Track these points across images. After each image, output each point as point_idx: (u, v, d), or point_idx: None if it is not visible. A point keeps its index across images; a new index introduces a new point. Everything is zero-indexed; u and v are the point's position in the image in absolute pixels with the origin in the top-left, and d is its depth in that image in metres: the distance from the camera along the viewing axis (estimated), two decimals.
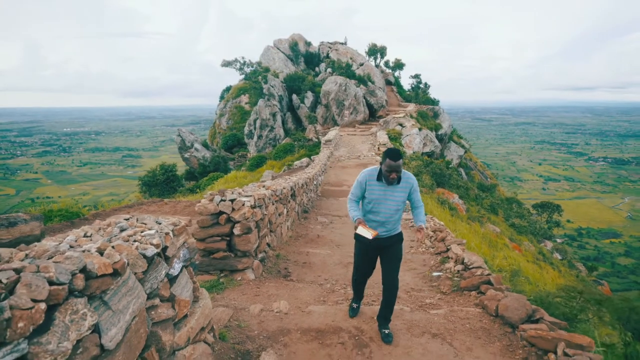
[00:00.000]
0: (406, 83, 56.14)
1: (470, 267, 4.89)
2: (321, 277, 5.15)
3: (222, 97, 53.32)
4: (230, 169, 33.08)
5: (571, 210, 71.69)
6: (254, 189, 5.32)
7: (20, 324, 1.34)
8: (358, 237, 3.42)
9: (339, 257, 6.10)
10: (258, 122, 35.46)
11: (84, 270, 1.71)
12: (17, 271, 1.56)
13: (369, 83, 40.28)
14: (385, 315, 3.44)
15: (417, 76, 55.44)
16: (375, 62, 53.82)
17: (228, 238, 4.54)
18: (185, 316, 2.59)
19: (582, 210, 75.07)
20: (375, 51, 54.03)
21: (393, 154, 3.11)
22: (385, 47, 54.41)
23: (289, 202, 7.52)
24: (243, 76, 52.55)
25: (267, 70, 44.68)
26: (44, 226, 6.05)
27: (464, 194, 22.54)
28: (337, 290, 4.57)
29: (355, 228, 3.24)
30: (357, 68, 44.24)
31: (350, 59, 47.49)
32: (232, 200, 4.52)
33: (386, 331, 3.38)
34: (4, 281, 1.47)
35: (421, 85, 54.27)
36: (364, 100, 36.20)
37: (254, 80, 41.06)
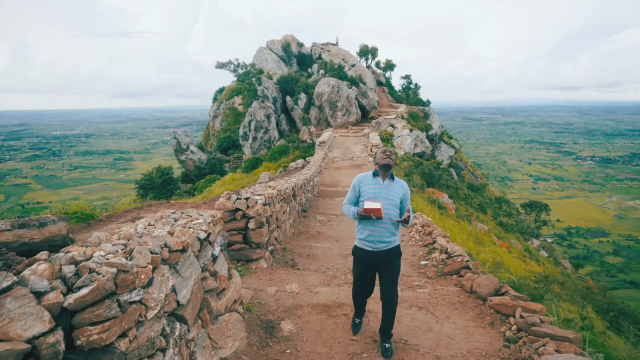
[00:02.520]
0: (397, 84, 57.03)
1: (452, 255, 5.63)
2: (324, 266, 5.86)
3: (215, 99, 53.74)
4: (226, 171, 33.62)
5: (561, 209, 73.04)
6: (263, 189, 6.01)
7: (142, 276, 2.03)
8: (356, 252, 3.43)
9: (339, 249, 6.82)
10: (253, 124, 36.06)
11: (166, 245, 2.40)
12: (125, 245, 2.25)
13: (361, 84, 41.10)
14: (386, 331, 3.46)
15: (407, 77, 56.36)
16: (366, 63, 54.63)
17: (243, 232, 5.23)
18: (224, 289, 3.29)
19: (571, 210, 76.30)
20: (367, 52, 54.86)
21: (384, 147, 3.50)
22: (377, 48, 55.27)
23: (291, 201, 8.22)
24: (236, 78, 53.05)
25: (260, 72, 45.31)
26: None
27: (454, 193, 23.37)
28: (338, 276, 5.28)
29: (361, 215, 3.24)
30: (349, 69, 45.04)
31: (342, 60, 48.27)
32: (246, 199, 5.21)
33: (387, 345, 3.42)
34: (119, 250, 2.17)
35: (412, 86, 55.18)
36: (356, 101, 36.99)
37: (248, 82, 41.64)
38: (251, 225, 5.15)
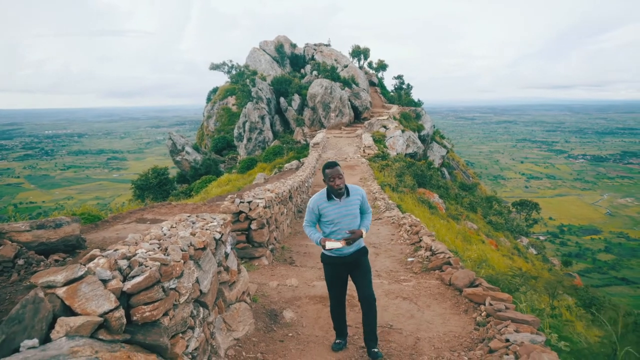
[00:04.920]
0: (389, 84, 57.66)
1: (436, 252, 6.20)
2: (319, 263, 6.39)
3: (209, 99, 54.04)
4: (222, 172, 34.03)
5: (553, 207, 74.05)
6: (263, 193, 6.54)
7: (177, 269, 2.55)
8: (325, 260, 3.49)
9: None
10: (247, 125, 36.51)
11: (191, 244, 2.92)
12: (159, 244, 2.77)
13: (354, 85, 41.71)
14: (371, 335, 3.42)
15: (399, 77, 56.94)
16: (359, 63, 55.20)
17: (246, 232, 5.76)
18: (234, 282, 3.82)
19: (563, 208, 77.24)
20: (359, 52, 55.44)
21: (328, 164, 3.35)
22: (369, 48, 55.88)
23: (288, 203, 8.76)
24: (230, 79, 53.43)
25: (254, 73, 45.71)
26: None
27: (444, 193, 24.00)
28: None
29: (323, 247, 3.31)
30: (342, 70, 45.62)
31: (335, 60, 48.87)
32: (249, 202, 5.74)
33: (375, 350, 3.38)
34: (156, 248, 2.69)
35: (404, 87, 55.79)
36: (349, 102, 37.55)
37: (242, 83, 42.08)
38: (253, 226, 5.68)
